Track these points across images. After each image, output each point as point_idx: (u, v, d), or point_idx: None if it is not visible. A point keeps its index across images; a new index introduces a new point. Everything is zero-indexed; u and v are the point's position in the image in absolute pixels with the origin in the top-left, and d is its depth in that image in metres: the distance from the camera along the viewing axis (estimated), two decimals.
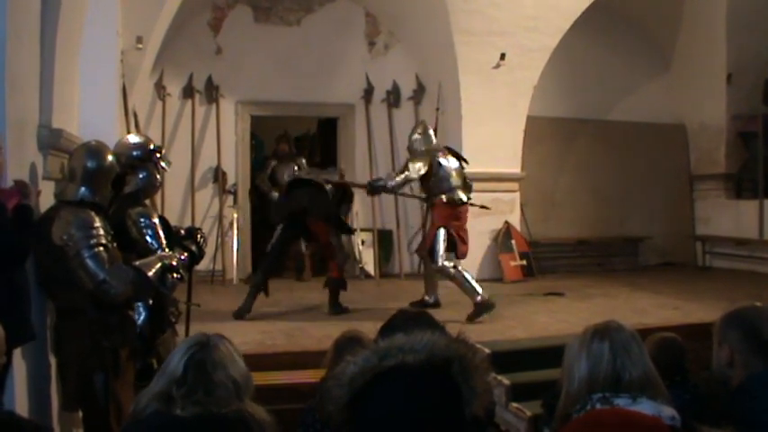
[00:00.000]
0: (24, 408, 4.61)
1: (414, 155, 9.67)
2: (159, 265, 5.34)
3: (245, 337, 7.83)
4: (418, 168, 9.40)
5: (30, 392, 4.80)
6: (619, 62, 14.39)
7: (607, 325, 2.99)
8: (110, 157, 5.26)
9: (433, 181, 9.50)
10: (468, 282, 9.14)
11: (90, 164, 5.10)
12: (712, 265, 14.50)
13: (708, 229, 14.77)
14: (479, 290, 9.04)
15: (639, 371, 2.87)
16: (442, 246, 9.25)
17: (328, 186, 9.84)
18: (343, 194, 10.14)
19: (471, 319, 8.83)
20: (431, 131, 9.88)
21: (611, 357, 2.88)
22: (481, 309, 8.95)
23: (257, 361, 5.96)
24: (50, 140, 5.26)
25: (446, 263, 9.22)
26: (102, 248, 4.87)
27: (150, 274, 5.20)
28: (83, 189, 5.05)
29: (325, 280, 9.94)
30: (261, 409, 2.94)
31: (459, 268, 9.25)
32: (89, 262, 4.80)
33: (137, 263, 5.22)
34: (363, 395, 1.96)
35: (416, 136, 9.81)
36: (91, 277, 4.80)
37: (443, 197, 9.41)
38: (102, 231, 4.93)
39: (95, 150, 5.25)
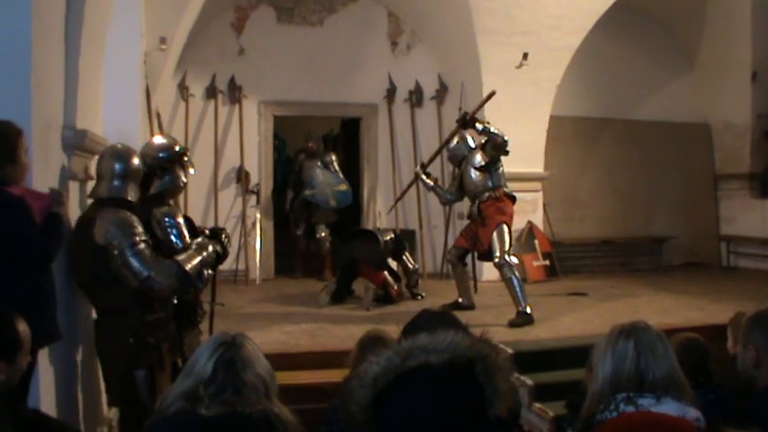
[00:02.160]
0: (51, 408, 4.65)
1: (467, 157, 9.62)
2: (198, 258, 5.47)
3: (268, 337, 7.86)
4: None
5: (56, 392, 4.83)
6: (642, 61, 14.33)
7: (634, 325, 2.98)
8: (136, 160, 5.39)
9: (496, 175, 9.30)
10: (522, 288, 8.99)
11: (117, 166, 5.24)
12: (737, 266, 14.41)
13: (732, 228, 14.68)
14: (527, 301, 8.92)
15: (664, 371, 2.86)
16: (508, 240, 9.09)
17: (387, 237, 10.65)
18: (398, 244, 10.86)
19: (514, 324, 8.66)
20: (468, 137, 9.78)
21: (635, 356, 2.87)
22: (526, 318, 8.78)
23: (281, 361, 5.96)
24: (75, 141, 5.30)
25: (514, 259, 9.08)
26: (144, 245, 5.03)
27: (188, 267, 5.34)
28: (115, 185, 5.20)
29: (384, 294, 10.34)
30: (286, 409, 2.94)
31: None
32: (133, 260, 4.96)
33: (179, 257, 5.36)
34: (386, 395, 1.96)
35: (456, 143, 9.72)
36: (135, 275, 4.96)
37: (505, 191, 9.33)
38: (141, 229, 5.09)
39: (121, 153, 5.38)
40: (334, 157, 13.00)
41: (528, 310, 8.82)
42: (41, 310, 4.08)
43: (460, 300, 9.60)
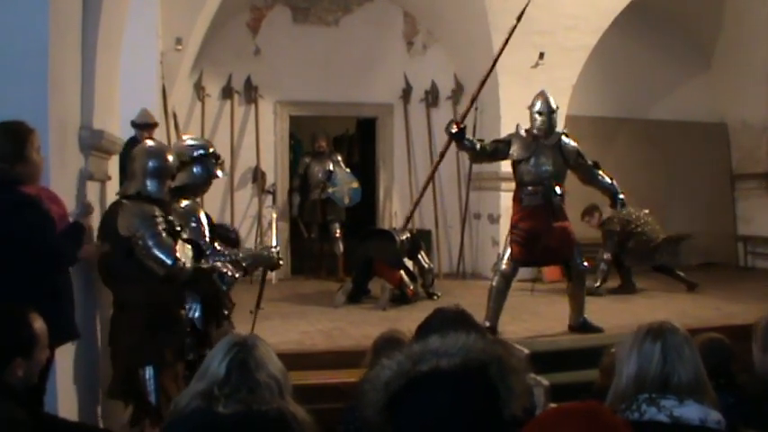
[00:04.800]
0: (69, 406, 4.67)
1: None
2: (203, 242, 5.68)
3: (284, 337, 7.88)
4: None
5: (74, 391, 4.86)
6: (659, 60, 14.26)
7: (661, 326, 2.95)
8: (170, 157, 5.49)
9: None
10: None
11: (151, 163, 5.34)
12: (754, 266, 14.34)
13: (750, 228, 14.60)
14: None
15: (690, 374, 2.84)
16: None
17: (403, 236, 10.51)
18: (414, 243, 10.83)
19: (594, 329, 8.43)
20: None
21: (661, 358, 2.85)
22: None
23: (297, 361, 5.99)
24: (92, 141, 5.33)
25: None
26: (165, 235, 5.11)
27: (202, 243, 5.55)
28: (146, 184, 5.29)
29: (400, 293, 10.33)
30: (301, 408, 2.96)
31: None
32: (156, 250, 5.04)
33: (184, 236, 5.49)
34: (399, 399, 1.96)
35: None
36: (160, 264, 5.06)
37: None
38: (161, 219, 5.16)
39: (155, 150, 5.49)
40: (340, 158, 13.07)
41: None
42: (58, 309, 4.09)
43: (490, 324, 8.08)
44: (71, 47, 5.03)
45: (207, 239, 5.88)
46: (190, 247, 5.68)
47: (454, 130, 8.16)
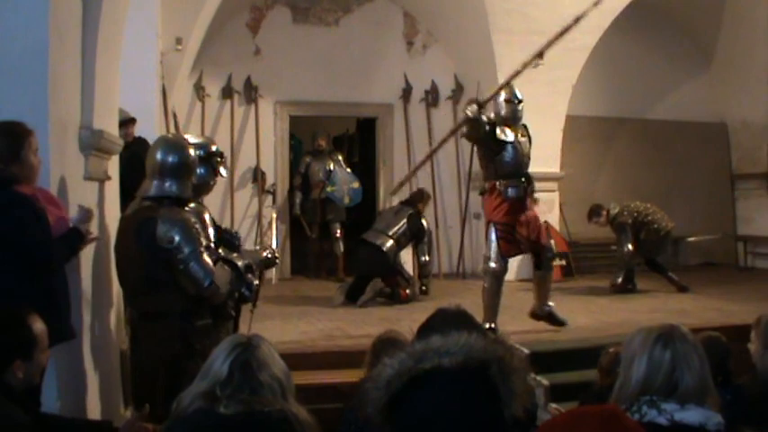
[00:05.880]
0: (66, 407, 4.66)
1: None
2: (242, 263, 5.35)
3: (284, 337, 7.86)
4: None
5: (72, 391, 4.85)
6: (659, 60, 14.26)
7: (672, 333, 2.92)
8: (192, 151, 5.16)
9: None
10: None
11: (171, 159, 5.01)
12: (754, 266, 14.32)
13: (750, 228, 14.59)
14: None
15: (696, 381, 2.83)
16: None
17: (388, 243, 10.41)
18: (416, 233, 10.76)
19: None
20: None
21: (670, 368, 2.83)
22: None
23: (297, 361, 5.97)
24: (92, 141, 5.31)
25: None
26: (206, 252, 4.88)
27: (240, 264, 5.25)
28: (167, 184, 4.98)
29: (392, 293, 10.35)
30: (303, 409, 2.95)
31: None
32: (196, 268, 4.80)
33: (232, 257, 5.30)
34: (401, 397, 1.96)
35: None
36: (196, 283, 4.82)
37: None
38: (200, 231, 4.94)
39: (173, 144, 5.20)
40: (341, 157, 13.11)
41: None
42: (53, 309, 4.06)
43: (492, 325, 8.04)
44: (71, 47, 5.02)
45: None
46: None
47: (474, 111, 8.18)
